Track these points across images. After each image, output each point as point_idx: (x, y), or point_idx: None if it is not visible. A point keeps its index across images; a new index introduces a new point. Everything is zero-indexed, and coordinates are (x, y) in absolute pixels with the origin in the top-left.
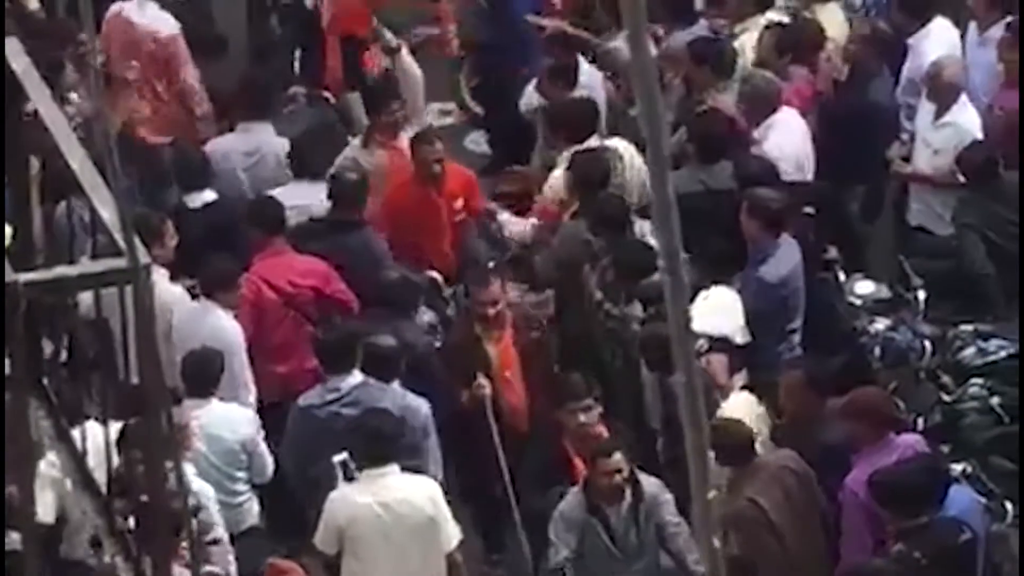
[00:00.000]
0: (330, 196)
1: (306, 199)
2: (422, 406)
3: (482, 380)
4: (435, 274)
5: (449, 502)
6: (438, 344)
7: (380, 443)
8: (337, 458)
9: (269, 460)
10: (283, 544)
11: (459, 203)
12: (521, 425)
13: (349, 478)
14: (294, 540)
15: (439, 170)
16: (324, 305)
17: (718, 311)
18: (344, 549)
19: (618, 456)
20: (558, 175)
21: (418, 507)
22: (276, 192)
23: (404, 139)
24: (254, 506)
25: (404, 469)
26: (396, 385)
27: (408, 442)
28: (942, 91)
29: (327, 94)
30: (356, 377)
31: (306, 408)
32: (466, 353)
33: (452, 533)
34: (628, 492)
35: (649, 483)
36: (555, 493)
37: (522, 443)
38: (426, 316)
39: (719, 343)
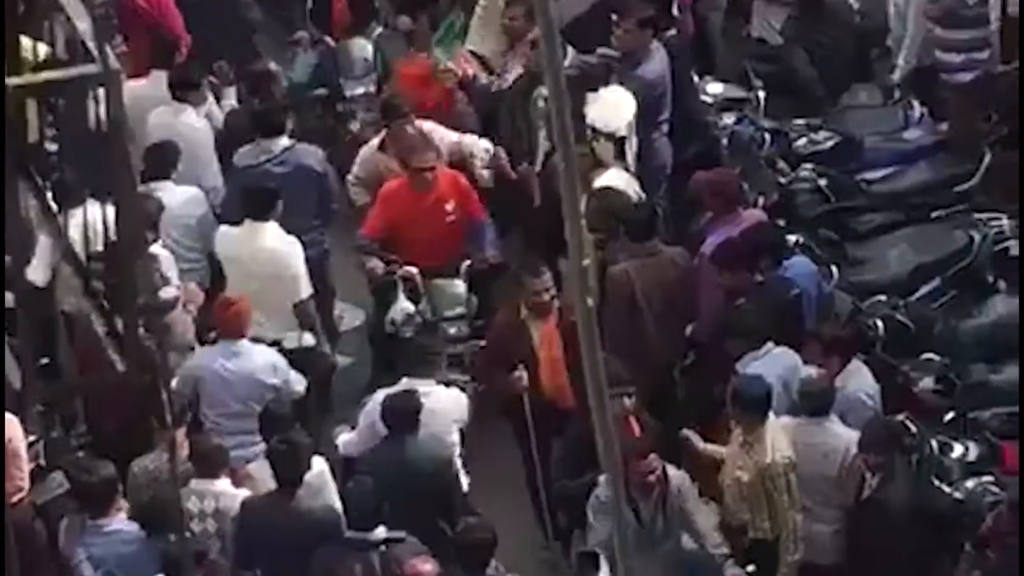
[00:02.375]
0: None
1: None
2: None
3: (520, 373)
4: (412, 269)
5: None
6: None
7: (264, 200)
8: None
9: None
10: None
11: (450, 206)
12: (565, 401)
13: None
14: None
15: (429, 178)
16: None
17: (610, 107)
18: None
19: (653, 457)
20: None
21: (278, 259)
22: None
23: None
24: (204, 275)
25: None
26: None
27: (324, 188)
28: None
29: (329, 39)
30: (285, 140)
31: (244, 167)
32: (511, 340)
33: (303, 287)
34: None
35: (675, 475)
36: (588, 478)
37: (564, 421)
38: (404, 305)
39: (605, 135)
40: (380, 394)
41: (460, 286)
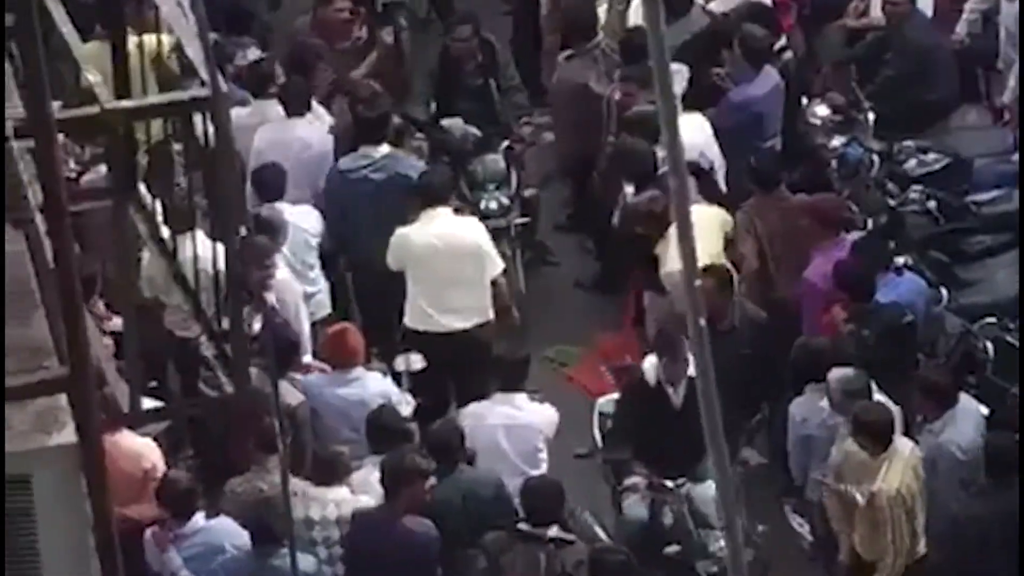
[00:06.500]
0: None
1: None
2: None
3: None
4: None
5: None
6: None
7: (434, 189)
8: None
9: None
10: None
11: None
12: None
13: None
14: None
15: None
16: None
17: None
18: (407, 270)
19: None
20: None
21: (466, 238)
22: None
23: None
24: (327, 296)
25: None
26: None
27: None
28: None
29: None
30: (385, 148)
31: (344, 171)
32: None
33: (496, 262)
34: None
35: None
36: None
37: None
38: None
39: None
40: (469, 408)
41: None
